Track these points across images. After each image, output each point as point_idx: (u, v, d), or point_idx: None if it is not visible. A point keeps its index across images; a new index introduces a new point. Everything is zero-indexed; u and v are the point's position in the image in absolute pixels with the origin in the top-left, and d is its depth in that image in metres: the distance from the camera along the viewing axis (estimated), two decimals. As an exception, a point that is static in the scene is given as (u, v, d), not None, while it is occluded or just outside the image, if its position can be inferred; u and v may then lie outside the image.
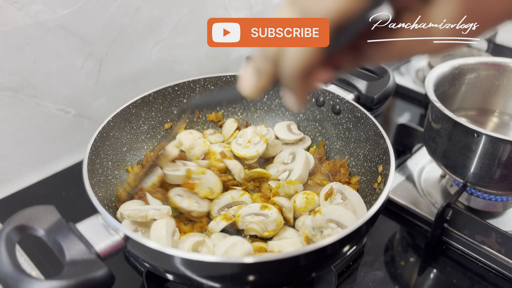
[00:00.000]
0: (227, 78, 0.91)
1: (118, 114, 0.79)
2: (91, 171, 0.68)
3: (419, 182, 0.92)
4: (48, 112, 0.92)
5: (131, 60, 1.02)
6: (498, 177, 0.74)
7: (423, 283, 0.77)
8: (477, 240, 0.78)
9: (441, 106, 0.76)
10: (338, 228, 0.63)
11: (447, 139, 0.77)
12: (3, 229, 0.51)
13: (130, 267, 0.76)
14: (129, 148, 0.83)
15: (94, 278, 0.49)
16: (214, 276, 0.54)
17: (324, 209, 0.66)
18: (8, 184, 0.92)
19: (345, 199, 0.71)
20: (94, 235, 0.54)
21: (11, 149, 0.90)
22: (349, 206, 0.70)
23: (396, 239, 0.85)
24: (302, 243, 0.65)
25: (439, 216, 0.78)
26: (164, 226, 0.63)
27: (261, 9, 1.25)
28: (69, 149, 0.99)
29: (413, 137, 0.99)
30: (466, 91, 0.91)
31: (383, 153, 0.72)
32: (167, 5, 1.02)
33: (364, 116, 0.78)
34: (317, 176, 0.80)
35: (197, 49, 1.15)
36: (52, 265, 0.75)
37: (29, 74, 0.85)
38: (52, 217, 0.53)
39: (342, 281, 0.75)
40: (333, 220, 0.64)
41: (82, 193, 0.61)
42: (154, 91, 0.85)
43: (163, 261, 0.54)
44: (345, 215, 0.65)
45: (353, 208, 0.69)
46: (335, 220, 0.64)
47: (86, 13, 0.88)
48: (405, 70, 1.34)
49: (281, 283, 0.62)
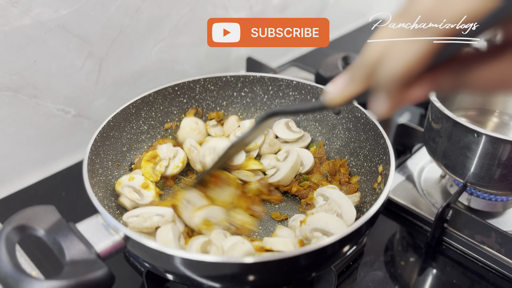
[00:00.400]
0: (227, 78, 0.91)
1: (118, 114, 0.79)
2: (91, 171, 0.68)
3: (419, 182, 0.92)
4: (48, 112, 0.92)
5: (131, 60, 1.02)
6: (498, 177, 0.74)
7: (423, 283, 0.77)
8: (477, 240, 0.78)
9: (441, 106, 0.76)
10: (323, 237, 0.62)
11: (447, 139, 0.77)
12: (3, 229, 0.51)
13: (130, 267, 0.76)
14: (129, 148, 0.83)
15: (94, 278, 0.49)
16: (214, 276, 0.54)
17: (308, 219, 0.65)
18: (8, 184, 0.92)
19: (327, 199, 0.71)
20: (94, 235, 0.54)
21: (11, 149, 0.90)
22: (333, 205, 0.69)
23: (396, 239, 0.85)
24: (294, 244, 0.64)
25: (439, 216, 0.78)
26: (170, 230, 0.63)
27: (261, 9, 1.25)
28: (69, 149, 0.99)
29: (413, 137, 0.99)
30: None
31: (383, 153, 0.72)
32: (167, 5, 1.02)
33: (364, 116, 0.78)
34: (315, 176, 0.80)
35: (197, 49, 1.15)
36: (52, 265, 0.75)
37: (29, 74, 0.85)
38: (52, 217, 0.53)
39: (342, 281, 0.75)
40: (318, 229, 0.63)
41: (82, 193, 0.61)
42: (154, 91, 0.85)
43: (163, 261, 0.54)
44: (331, 222, 0.64)
45: (338, 205, 0.69)
46: (320, 229, 0.63)
47: (86, 13, 0.88)
48: (405, 70, 1.34)
49: (281, 283, 0.62)
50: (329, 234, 0.62)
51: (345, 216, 0.68)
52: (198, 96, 0.91)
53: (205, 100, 0.92)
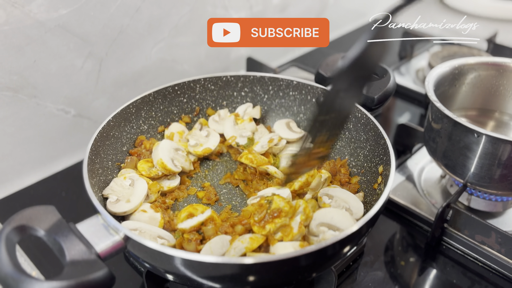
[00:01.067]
0: (227, 78, 0.91)
1: (118, 114, 0.79)
2: (91, 171, 0.68)
3: (419, 182, 0.92)
4: (48, 112, 0.92)
5: (131, 60, 1.02)
6: (498, 177, 0.74)
7: (423, 283, 0.77)
8: (477, 240, 0.78)
9: (441, 106, 0.76)
10: (330, 231, 0.62)
11: (447, 139, 0.77)
12: (3, 229, 0.51)
13: (130, 267, 0.76)
14: (129, 148, 0.83)
15: (94, 279, 0.49)
16: (214, 276, 0.54)
17: (315, 214, 0.65)
18: (8, 184, 0.92)
19: (332, 198, 0.71)
20: (94, 235, 0.54)
21: (11, 149, 0.90)
22: (339, 201, 0.69)
23: (396, 239, 0.85)
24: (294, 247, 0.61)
25: (439, 216, 0.78)
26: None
27: (261, 9, 1.25)
28: (69, 149, 0.99)
29: (413, 137, 0.99)
30: (466, 91, 0.91)
31: (383, 154, 0.72)
32: (167, 5, 1.02)
33: (364, 116, 0.78)
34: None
35: (197, 49, 1.15)
36: (52, 265, 0.75)
37: (29, 74, 0.85)
38: (52, 217, 0.53)
39: (342, 281, 0.75)
40: (325, 224, 0.63)
41: (82, 193, 0.61)
42: (154, 91, 0.85)
43: (163, 261, 0.54)
44: (337, 216, 0.64)
45: (344, 201, 0.69)
46: (327, 223, 0.63)
47: (86, 13, 0.88)
48: (405, 70, 1.34)
49: (281, 284, 0.62)
50: (335, 228, 0.63)
51: (354, 209, 0.69)
52: (198, 96, 0.91)
53: (205, 100, 0.92)
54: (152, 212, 0.70)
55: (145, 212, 0.70)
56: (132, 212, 0.70)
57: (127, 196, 0.70)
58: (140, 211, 0.70)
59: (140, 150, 0.82)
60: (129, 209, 0.69)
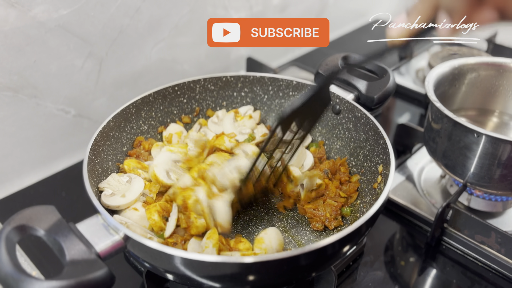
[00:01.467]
0: (227, 78, 0.91)
1: (118, 114, 0.79)
2: (91, 171, 0.68)
3: (419, 182, 0.92)
4: (48, 112, 0.92)
5: (131, 60, 1.02)
6: (498, 177, 0.74)
7: (423, 283, 0.77)
8: (477, 240, 0.78)
9: (441, 106, 0.76)
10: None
11: (447, 139, 0.77)
12: (3, 229, 0.51)
13: (130, 267, 0.76)
14: (129, 148, 0.83)
15: (94, 278, 0.49)
16: (214, 276, 0.54)
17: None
18: (8, 184, 0.92)
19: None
20: (94, 235, 0.54)
21: (11, 149, 0.90)
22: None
23: (396, 239, 0.85)
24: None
25: (439, 216, 0.78)
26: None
27: (261, 9, 1.25)
28: (69, 149, 0.99)
29: (413, 137, 0.99)
30: (466, 91, 0.91)
31: (383, 153, 0.72)
32: (167, 5, 1.02)
33: (364, 116, 0.78)
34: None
35: (197, 49, 1.15)
36: (52, 265, 0.75)
37: (29, 74, 0.85)
38: (52, 217, 0.53)
39: (342, 281, 0.75)
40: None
41: (82, 193, 0.61)
42: (154, 91, 0.85)
43: (163, 261, 0.54)
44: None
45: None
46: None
47: (86, 13, 0.88)
48: (405, 70, 1.34)
49: (281, 283, 0.62)
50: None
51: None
52: (198, 96, 0.91)
53: (205, 100, 0.92)
54: (143, 212, 0.70)
55: (137, 211, 0.70)
56: (125, 208, 0.70)
57: (122, 191, 0.71)
58: (132, 209, 0.70)
59: (139, 151, 0.82)
60: (123, 204, 0.69)
